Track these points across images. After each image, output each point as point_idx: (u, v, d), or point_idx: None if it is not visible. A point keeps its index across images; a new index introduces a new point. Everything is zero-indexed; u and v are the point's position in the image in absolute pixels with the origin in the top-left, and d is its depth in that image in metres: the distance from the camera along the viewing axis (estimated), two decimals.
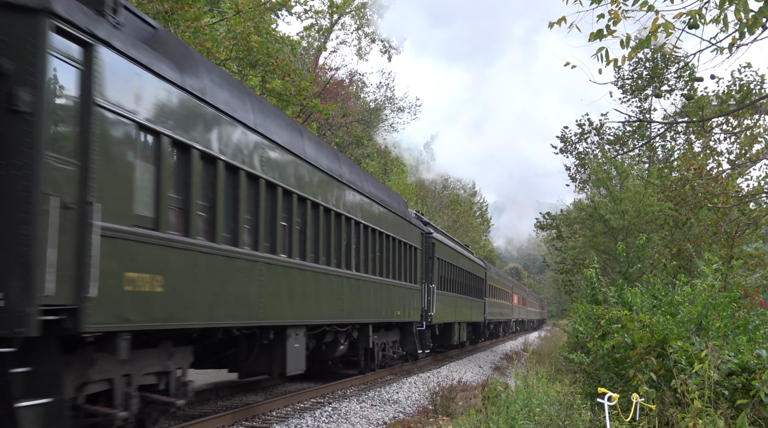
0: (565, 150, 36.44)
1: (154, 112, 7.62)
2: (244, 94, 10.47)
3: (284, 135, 11.55)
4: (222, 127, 9.28)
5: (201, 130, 8.70)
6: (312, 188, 12.59)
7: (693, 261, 19.49)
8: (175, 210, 8.26)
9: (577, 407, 8.69)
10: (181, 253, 8.18)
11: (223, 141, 9.28)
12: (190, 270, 8.42)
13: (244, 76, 19.64)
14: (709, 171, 18.98)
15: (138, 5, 15.16)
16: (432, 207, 54.85)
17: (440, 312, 23.55)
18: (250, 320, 10.21)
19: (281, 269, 11.24)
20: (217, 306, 9.16)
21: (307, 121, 28.56)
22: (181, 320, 8.27)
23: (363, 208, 15.83)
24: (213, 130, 9.03)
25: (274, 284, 10.87)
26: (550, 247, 42.53)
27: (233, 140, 9.64)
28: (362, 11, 39.33)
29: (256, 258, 10.27)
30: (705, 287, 9.23)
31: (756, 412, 6.80)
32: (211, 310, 9.01)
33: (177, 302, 8.14)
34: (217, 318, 9.21)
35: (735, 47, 7.89)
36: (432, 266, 22.92)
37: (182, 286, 8.22)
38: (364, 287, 15.81)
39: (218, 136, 9.17)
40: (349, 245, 14.80)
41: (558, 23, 7.86)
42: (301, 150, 12.15)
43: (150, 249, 7.51)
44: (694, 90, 18.42)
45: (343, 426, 11.32)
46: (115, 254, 6.90)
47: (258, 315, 10.36)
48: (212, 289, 8.95)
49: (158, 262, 7.68)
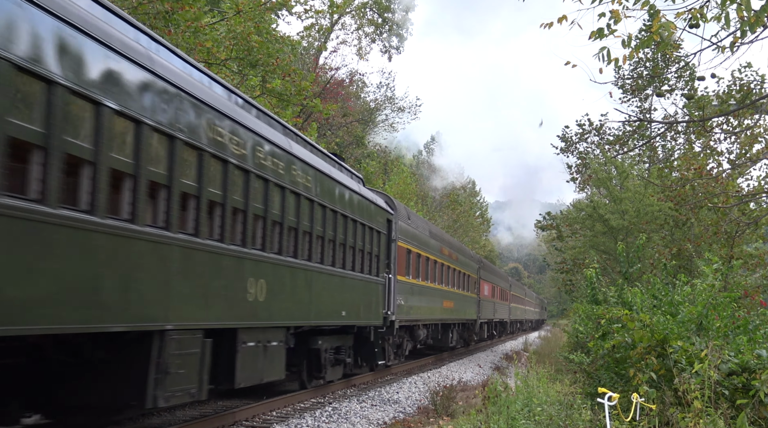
0: (566, 150, 36.45)
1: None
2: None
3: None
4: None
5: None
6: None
7: (693, 261, 19.49)
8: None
9: (577, 407, 8.68)
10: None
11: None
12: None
13: (244, 76, 19.63)
14: (709, 171, 18.98)
15: (138, 5, 15.16)
16: (432, 207, 54.86)
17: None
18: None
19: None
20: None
21: (307, 121, 28.55)
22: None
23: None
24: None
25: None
26: (550, 247, 42.54)
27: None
28: (362, 11, 39.36)
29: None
30: (705, 287, 9.22)
31: (756, 412, 6.79)
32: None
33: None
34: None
35: (736, 46, 7.88)
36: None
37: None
38: (291, 275, 11.54)
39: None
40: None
41: (559, 21, 7.85)
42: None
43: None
44: (694, 90, 18.42)
45: (344, 426, 11.31)
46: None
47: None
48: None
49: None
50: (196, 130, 8.48)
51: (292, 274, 11.53)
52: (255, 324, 10.22)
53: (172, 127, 7.91)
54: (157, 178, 7.66)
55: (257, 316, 10.20)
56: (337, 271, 13.74)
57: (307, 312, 12.24)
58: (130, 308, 7.18)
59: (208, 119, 8.81)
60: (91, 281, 6.59)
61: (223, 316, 9.17)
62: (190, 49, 16.51)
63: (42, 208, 5.94)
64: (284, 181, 11.08)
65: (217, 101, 9.21)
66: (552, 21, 7.97)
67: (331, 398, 14.43)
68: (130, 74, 7.23)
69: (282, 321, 11.30)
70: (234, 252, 9.39)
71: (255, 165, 9.99)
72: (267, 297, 10.38)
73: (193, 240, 8.37)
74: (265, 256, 10.42)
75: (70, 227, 6.29)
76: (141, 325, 7.43)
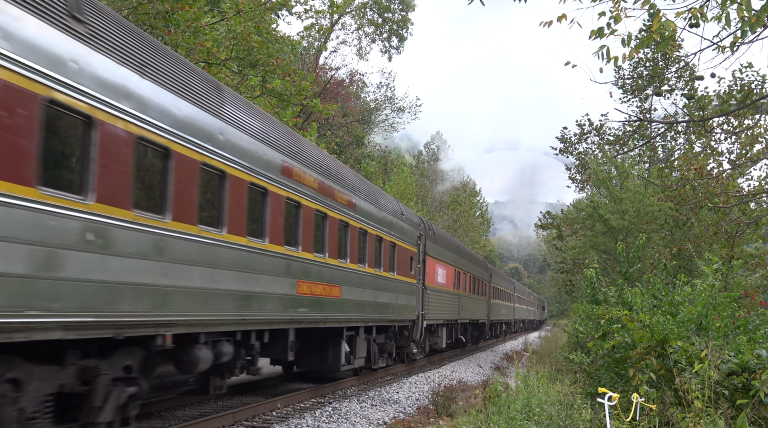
0: (565, 150, 36.46)
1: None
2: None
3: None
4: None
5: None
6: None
7: (693, 261, 19.48)
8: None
9: (577, 407, 8.68)
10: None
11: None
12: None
13: (244, 76, 19.63)
14: (709, 171, 18.98)
15: (138, 5, 15.16)
16: (432, 207, 54.85)
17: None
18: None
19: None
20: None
21: (308, 121, 28.55)
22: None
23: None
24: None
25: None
26: (550, 247, 42.53)
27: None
28: (362, 11, 39.36)
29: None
30: (705, 287, 9.21)
31: (756, 412, 6.78)
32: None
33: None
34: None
35: (736, 46, 7.88)
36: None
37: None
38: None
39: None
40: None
41: (558, 20, 7.84)
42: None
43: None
44: (694, 90, 18.41)
45: (344, 426, 11.30)
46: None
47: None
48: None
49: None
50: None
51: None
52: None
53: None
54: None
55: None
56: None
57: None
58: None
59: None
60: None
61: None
62: (190, 49, 16.51)
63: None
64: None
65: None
66: (551, 20, 7.96)
67: (331, 398, 14.42)
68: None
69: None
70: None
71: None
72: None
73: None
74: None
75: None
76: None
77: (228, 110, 9.63)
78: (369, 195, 16.65)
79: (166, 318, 7.79)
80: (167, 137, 7.88)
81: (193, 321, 8.39)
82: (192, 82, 8.80)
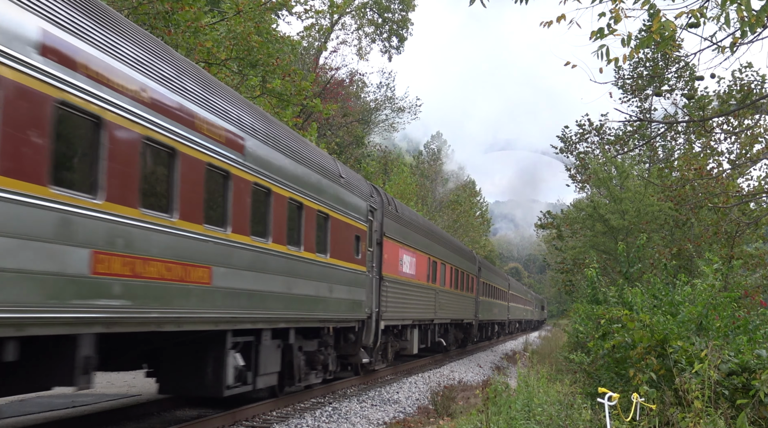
0: (566, 150, 36.47)
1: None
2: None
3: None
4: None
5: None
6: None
7: (693, 261, 19.48)
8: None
9: (577, 407, 8.68)
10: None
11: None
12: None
13: (244, 76, 19.63)
14: (709, 171, 18.99)
15: (138, 5, 15.16)
16: (432, 207, 54.85)
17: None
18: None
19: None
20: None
21: (308, 121, 28.55)
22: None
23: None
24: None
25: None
26: (550, 247, 42.53)
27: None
28: (362, 11, 39.37)
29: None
30: (705, 287, 9.22)
31: (756, 412, 6.79)
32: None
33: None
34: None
35: (736, 46, 7.88)
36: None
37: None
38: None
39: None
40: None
41: (558, 20, 7.84)
42: None
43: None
44: (694, 90, 18.42)
45: (344, 426, 11.31)
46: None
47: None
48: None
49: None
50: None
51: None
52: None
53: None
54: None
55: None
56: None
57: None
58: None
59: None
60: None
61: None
62: (190, 49, 16.51)
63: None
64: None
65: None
66: (551, 20, 7.96)
67: (331, 398, 14.43)
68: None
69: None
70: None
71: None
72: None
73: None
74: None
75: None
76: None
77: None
78: (276, 138, 11.22)
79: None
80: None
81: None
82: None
